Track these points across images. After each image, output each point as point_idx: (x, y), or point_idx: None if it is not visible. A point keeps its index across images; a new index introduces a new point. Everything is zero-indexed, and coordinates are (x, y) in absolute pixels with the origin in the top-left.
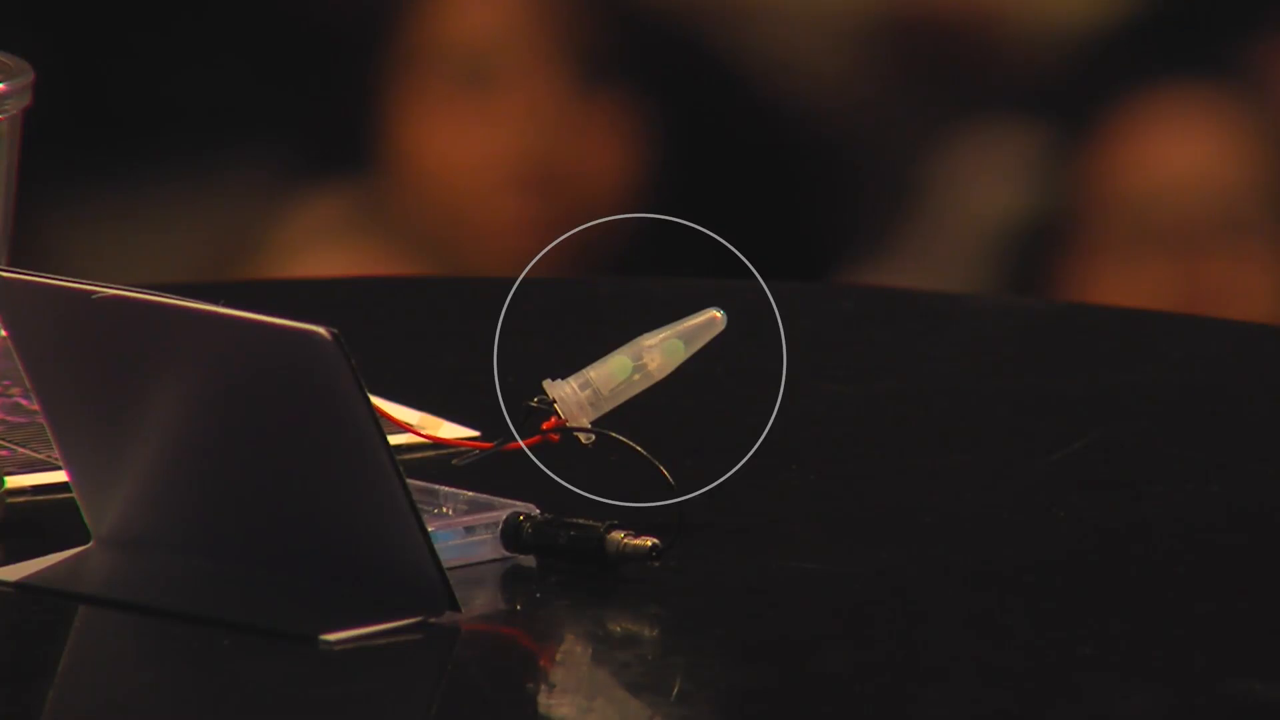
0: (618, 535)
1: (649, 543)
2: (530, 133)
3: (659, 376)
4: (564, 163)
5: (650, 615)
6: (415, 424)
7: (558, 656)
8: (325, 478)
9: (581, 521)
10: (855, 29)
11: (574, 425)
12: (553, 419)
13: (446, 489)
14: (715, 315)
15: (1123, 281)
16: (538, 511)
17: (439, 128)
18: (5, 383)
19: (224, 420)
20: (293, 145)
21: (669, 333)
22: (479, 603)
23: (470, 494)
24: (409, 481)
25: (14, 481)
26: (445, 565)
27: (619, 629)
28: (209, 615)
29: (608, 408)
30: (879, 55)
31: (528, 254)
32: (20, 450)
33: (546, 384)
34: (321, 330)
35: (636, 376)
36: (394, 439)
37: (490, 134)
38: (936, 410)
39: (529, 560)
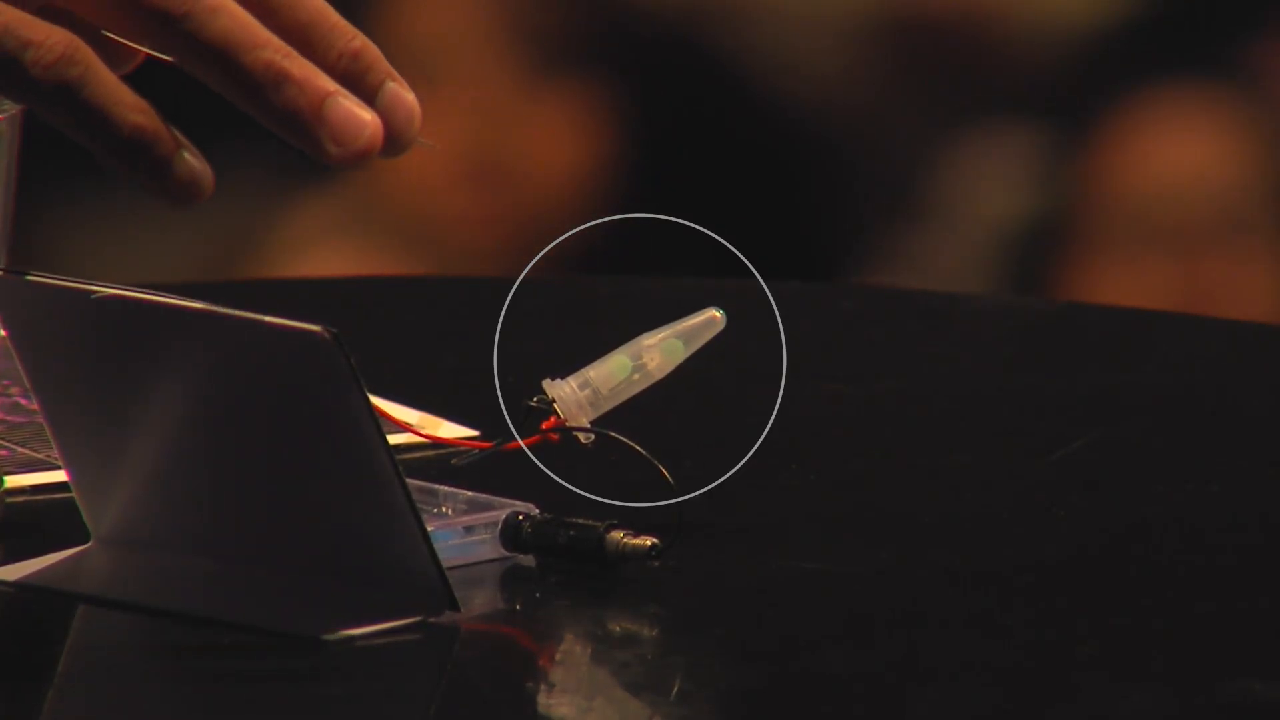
0: (617, 535)
1: (649, 542)
2: (492, 128)
3: (659, 376)
4: (533, 160)
5: (650, 615)
6: (415, 424)
7: (557, 656)
8: (325, 478)
9: (581, 521)
10: (856, 29)
11: (574, 425)
12: (552, 419)
13: (446, 489)
14: (715, 315)
15: (1123, 281)
16: (537, 511)
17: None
18: (5, 383)
19: (223, 420)
20: (279, 146)
21: (668, 332)
22: (479, 603)
23: (470, 494)
24: (409, 481)
25: (14, 481)
26: (445, 565)
27: (619, 629)
28: (209, 615)
29: (607, 407)
30: (879, 55)
31: (502, 252)
32: (20, 450)
33: (546, 384)
34: (321, 330)
35: (636, 376)
36: (394, 439)
37: (454, 128)
38: (936, 410)
39: (529, 560)
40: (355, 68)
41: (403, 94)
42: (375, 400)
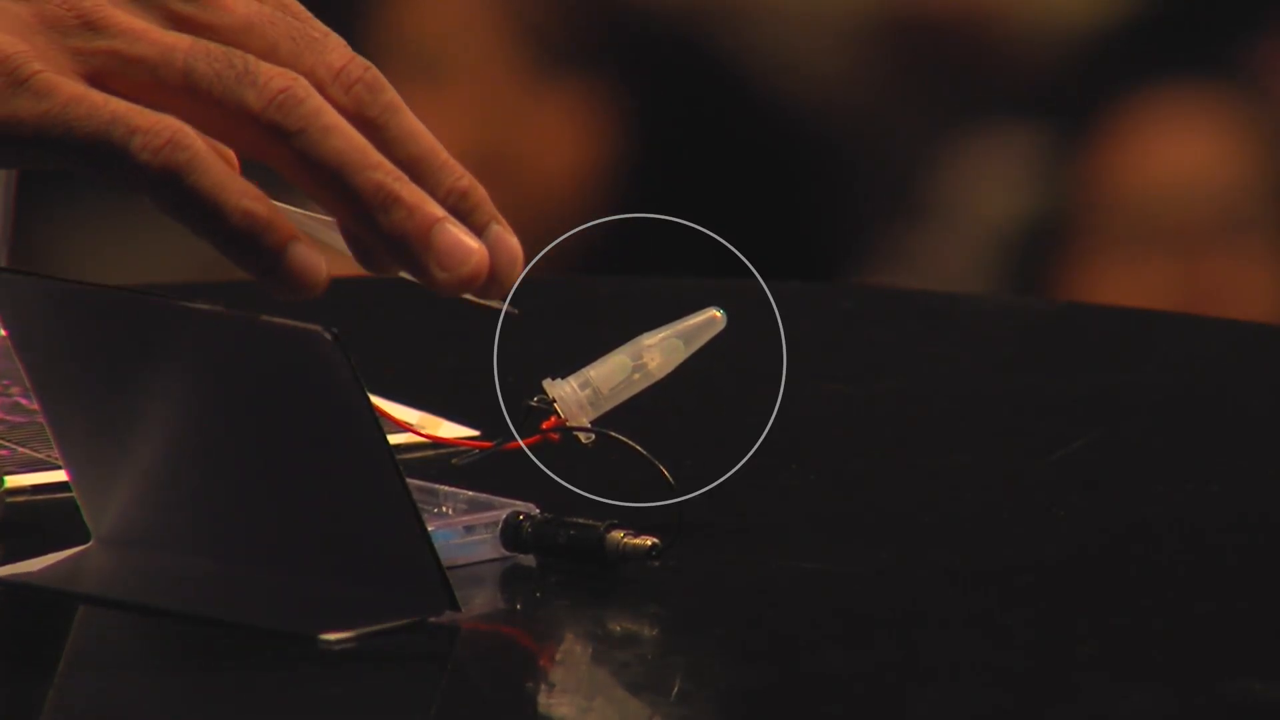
0: (618, 535)
1: (649, 542)
2: (493, 127)
3: (659, 376)
4: (533, 159)
5: (650, 615)
6: (415, 424)
7: (558, 656)
8: (325, 477)
9: (581, 521)
10: (856, 29)
11: (574, 425)
12: (553, 418)
13: (446, 489)
14: (715, 315)
15: (1123, 281)
16: (538, 511)
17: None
18: (5, 382)
19: (224, 420)
20: None
21: (669, 332)
22: (479, 602)
23: (470, 494)
24: (409, 481)
25: (14, 481)
26: (445, 565)
27: (619, 629)
28: (209, 615)
29: (608, 407)
30: (879, 55)
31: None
32: (20, 450)
33: (546, 383)
34: (321, 330)
35: (636, 376)
36: (394, 439)
37: (456, 127)
38: (936, 410)
39: (529, 560)
40: (462, 205)
41: (507, 237)
42: (375, 400)
